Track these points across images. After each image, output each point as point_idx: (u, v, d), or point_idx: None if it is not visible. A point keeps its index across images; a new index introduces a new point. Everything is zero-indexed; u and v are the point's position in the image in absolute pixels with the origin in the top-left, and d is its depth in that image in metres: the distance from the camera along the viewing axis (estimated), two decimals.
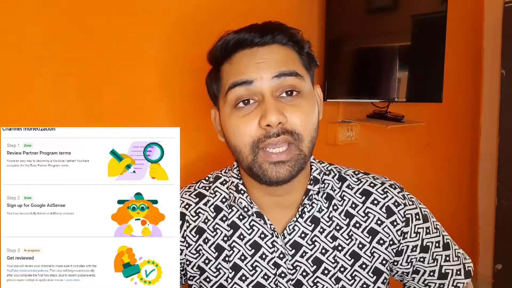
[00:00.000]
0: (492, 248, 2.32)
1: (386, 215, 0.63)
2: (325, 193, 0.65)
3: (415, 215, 0.65)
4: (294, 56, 0.60)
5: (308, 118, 0.57)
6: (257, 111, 0.56)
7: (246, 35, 0.57)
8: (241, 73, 0.56)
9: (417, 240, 0.64)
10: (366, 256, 0.63)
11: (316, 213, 0.64)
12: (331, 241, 0.63)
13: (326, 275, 0.62)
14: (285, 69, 0.56)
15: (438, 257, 0.66)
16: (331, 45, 1.27)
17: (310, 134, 0.57)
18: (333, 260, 0.62)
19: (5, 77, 0.69)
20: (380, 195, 0.65)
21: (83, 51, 0.77)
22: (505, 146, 2.21)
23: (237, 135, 0.57)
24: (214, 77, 0.62)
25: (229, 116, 0.58)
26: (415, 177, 1.89)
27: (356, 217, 0.64)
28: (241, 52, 0.58)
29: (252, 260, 0.63)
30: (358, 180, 0.67)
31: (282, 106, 0.56)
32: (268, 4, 1.13)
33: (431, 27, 1.69)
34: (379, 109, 1.56)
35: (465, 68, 2.25)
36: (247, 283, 0.62)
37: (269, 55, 0.57)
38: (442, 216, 2.18)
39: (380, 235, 0.63)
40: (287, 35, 0.59)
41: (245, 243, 0.63)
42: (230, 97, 0.57)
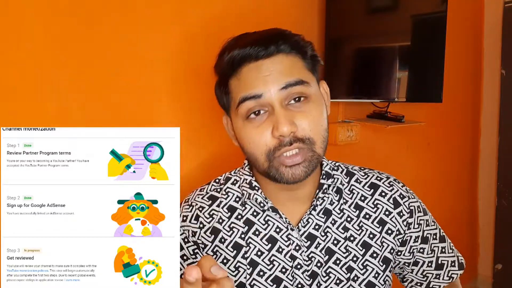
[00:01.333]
0: (492, 248, 2.32)
1: (393, 206, 0.67)
2: (335, 187, 0.68)
3: (417, 207, 0.69)
4: (299, 62, 0.62)
5: (317, 122, 0.60)
6: (268, 121, 0.59)
7: (251, 50, 0.59)
8: (250, 87, 0.59)
9: (419, 231, 0.68)
10: (376, 246, 0.66)
11: (327, 206, 0.67)
12: (343, 232, 0.66)
13: (337, 264, 0.64)
14: (291, 79, 0.59)
15: (435, 248, 0.70)
16: (331, 45, 1.27)
17: (321, 136, 0.61)
18: (345, 250, 0.65)
19: (5, 77, 0.69)
20: (387, 188, 0.69)
21: (83, 51, 0.77)
22: (505, 146, 2.21)
23: (253, 145, 0.60)
24: (223, 91, 0.64)
25: (242, 127, 0.61)
26: (415, 177, 1.89)
27: (365, 208, 0.67)
28: (247, 67, 0.60)
29: (269, 254, 0.65)
30: (365, 175, 0.71)
31: (292, 114, 0.58)
32: (268, 4, 1.13)
33: (431, 27, 1.69)
34: (379, 109, 1.56)
35: (465, 68, 2.25)
36: (265, 278, 0.64)
37: (274, 66, 0.59)
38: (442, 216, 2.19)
39: (389, 225, 0.67)
40: (290, 44, 0.61)
41: (261, 238, 0.65)
42: (241, 110, 0.60)
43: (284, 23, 0.63)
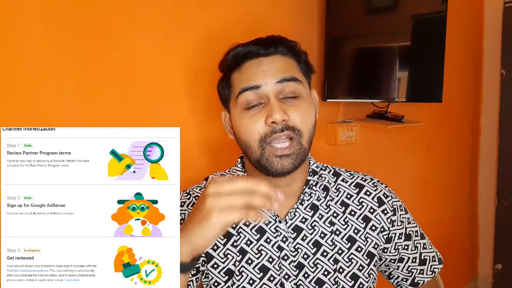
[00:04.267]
0: (492, 248, 2.33)
1: (378, 204, 0.73)
2: (322, 185, 0.73)
3: (399, 206, 0.75)
4: (293, 64, 0.69)
5: (307, 116, 0.67)
6: (264, 111, 0.65)
7: (253, 47, 0.67)
8: (249, 80, 0.66)
9: (402, 228, 0.74)
10: (361, 240, 0.70)
11: (315, 201, 0.72)
12: (329, 226, 0.70)
13: (325, 256, 0.68)
14: (286, 75, 0.66)
15: (418, 244, 0.76)
16: (331, 45, 1.27)
17: (308, 130, 0.67)
18: (331, 243, 0.69)
19: (5, 77, 0.69)
20: (372, 188, 0.75)
21: (83, 51, 0.77)
22: (505, 146, 2.22)
23: (247, 132, 0.66)
24: (225, 84, 0.71)
25: (240, 116, 0.67)
26: (415, 177, 1.90)
27: (351, 206, 0.73)
28: (249, 62, 0.68)
29: (258, 244, 0.69)
30: (351, 175, 0.77)
31: (285, 106, 0.65)
32: (268, 5, 1.13)
33: (431, 27, 1.69)
34: (379, 109, 1.56)
35: (465, 68, 2.25)
36: (253, 265, 0.68)
37: (272, 64, 0.67)
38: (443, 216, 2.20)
39: (373, 222, 0.72)
40: (287, 47, 0.69)
41: (250, 228, 0.70)
42: (241, 100, 0.67)
43: (284, 23, 0.64)
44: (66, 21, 0.75)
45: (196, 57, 0.96)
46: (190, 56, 0.95)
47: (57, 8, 0.74)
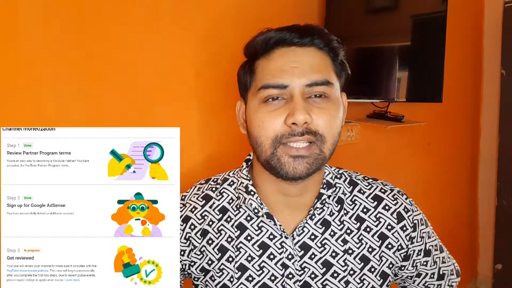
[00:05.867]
0: (492, 248, 2.32)
1: (397, 221, 0.65)
2: (336, 197, 0.66)
3: (420, 220, 0.68)
4: (328, 62, 0.61)
5: (333, 121, 0.59)
6: (285, 108, 0.57)
7: (287, 34, 0.59)
8: (276, 75, 0.58)
9: (422, 244, 0.67)
10: (375, 260, 0.64)
11: (327, 216, 0.64)
12: (342, 244, 0.63)
13: (335, 278, 0.62)
14: (317, 79, 0.58)
15: (437, 259, 0.69)
16: None
17: (333, 137, 0.59)
18: (343, 263, 0.63)
19: (5, 77, 0.69)
20: (391, 201, 0.66)
21: (83, 51, 0.77)
22: (505, 146, 2.21)
23: (261, 128, 0.58)
24: (248, 70, 0.63)
25: (257, 108, 0.59)
26: (415, 177, 1.89)
27: (367, 221, 0.65)
28: (280, 50, 0.59)
29: (260, 260, 0.63)
30: (369, 185, 0.68)
31: (310, 107, 0.57)
32: (268, 3, 1.13)
33: (431, 27, 1.69)
34: (379, 109, 1.56)
35: (465, 68, 2.25)
36: (253, 283, 0.62)
37: (305, 58, 0.59)
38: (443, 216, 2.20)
39: (390, 239, 0.64)
40: (325, 40, 0.60)
41: (252, 244, 0.64)
42: (262, 94, 0.59)
43: (284, 23, 0.63)
44: (66, 21, 0.75)
45: (196, 57, 0.96)
46: (190, 56, 0.95)
47: (57, 8, 0.74)
